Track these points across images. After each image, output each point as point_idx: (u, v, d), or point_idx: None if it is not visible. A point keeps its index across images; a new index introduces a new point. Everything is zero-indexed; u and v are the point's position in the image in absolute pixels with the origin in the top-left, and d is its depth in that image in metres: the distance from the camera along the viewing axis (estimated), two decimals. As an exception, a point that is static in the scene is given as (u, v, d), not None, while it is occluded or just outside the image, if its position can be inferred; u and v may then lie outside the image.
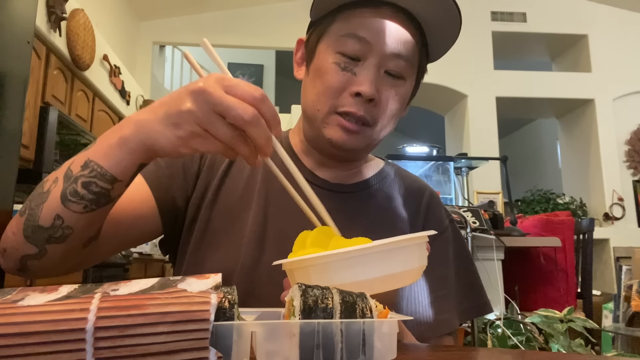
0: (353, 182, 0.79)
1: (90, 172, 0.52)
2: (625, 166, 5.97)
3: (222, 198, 0.75)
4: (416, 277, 0.47)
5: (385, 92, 0.70)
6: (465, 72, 5.95)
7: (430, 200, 0.81)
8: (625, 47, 6.19)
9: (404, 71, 0.71)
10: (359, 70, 0.68)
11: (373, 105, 0.69)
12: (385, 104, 0.70)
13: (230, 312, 0.33)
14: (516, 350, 1.51)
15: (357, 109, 0.68)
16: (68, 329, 0.28)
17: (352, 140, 0.69)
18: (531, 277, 2.73)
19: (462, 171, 3.38)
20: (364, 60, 0.69)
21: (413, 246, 0.45)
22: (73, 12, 3.21)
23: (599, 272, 5.56)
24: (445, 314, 0.72)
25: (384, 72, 0.70)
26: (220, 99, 0.46)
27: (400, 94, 0.72)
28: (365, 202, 0.77)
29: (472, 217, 2.24)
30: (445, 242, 0.78)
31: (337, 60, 0.69)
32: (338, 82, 0.68)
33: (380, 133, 0.72)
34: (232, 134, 0.48)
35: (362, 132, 0.69)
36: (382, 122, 0.71)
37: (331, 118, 0.69)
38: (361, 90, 0.67)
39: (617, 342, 2.26)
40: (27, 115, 2.64)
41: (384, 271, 0.43)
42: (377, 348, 0.35)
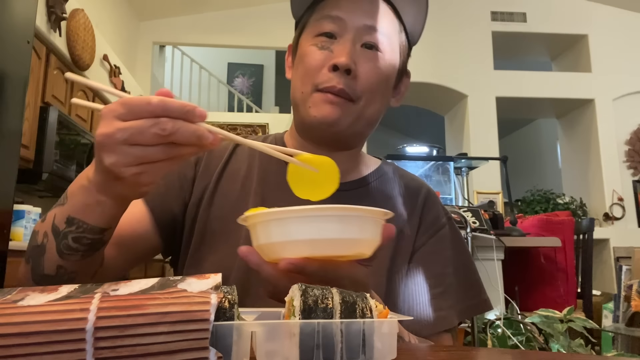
0: (350, 180, 0.79)
1: (77, 229, 0.54)
2: (625, 166, 5.98)
3: (218, 200, 0.75)
4: (369, 251, 0.48)
5: (364, 64, 0.70)
6: (465, 72, 5.95)
7: (427, 197, 0.81)
8: (625, 47, 6.19)
9: (381, 43, 0.72)
10: (335, 46, 0.70)
11: (352, 77, 0.69)
12: (364, 76, 0.70)
13: (230, 312, 0.33)
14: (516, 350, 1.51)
15: (337, 82, 0.68)
16: (68, 329, 0.28)
17: (336, 112, 0.69)
18: (531, 277, 2.73)
19: (462, 171, 3.38)
20: (340, 37, 0.71)
21: (369, 218, 0.46)
22: (73, 12, 3.21)
23: (599, 272, 5.56)
24: (442, 311, 0.71)
25: (360, 45, 0.71)
26: (123, 135, 0.43)
27: (381, 67, 0.72)
28: (363, 200, 0.76)
29: (472, 217, 2.24)
30: (442, 240, 0.78)
31: (315, 42, 0.72)
32: (316, 60, 0.70)
33: (365, 109, 0.72)
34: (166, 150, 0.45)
35: (345, 105, 0.69)
36: (366, 96, 0.71)
37: (313, 97, 0.70)
38: (337, 62, 0.68)
39: (617, 342, 2.26)
40: (27, 115, 2.64)
41: (338, 234, 0.44)
42: (377, 348, 0.35)
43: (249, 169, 0.79)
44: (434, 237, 0.77)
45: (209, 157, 0.80)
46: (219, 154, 0.81)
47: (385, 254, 0.73)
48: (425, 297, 0.72)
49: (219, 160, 0.80)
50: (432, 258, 0.75)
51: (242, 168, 0.79)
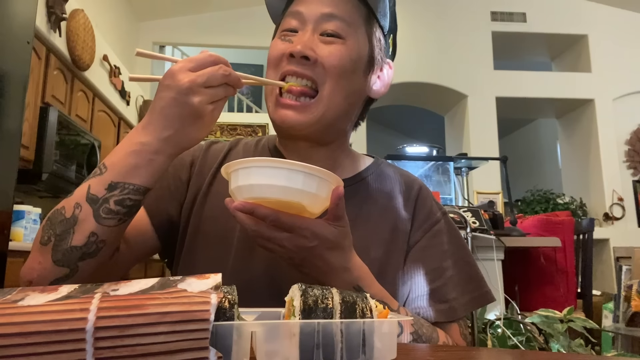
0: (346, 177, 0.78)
1: (122, 191, 0.58)
2: (625, 166, 5.98)
3: (211, 201, 0.76)
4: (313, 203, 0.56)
5: (323, 49, 0.70)
6: (465, 72, 5.96)
7: (419, 192, 0.80)
8: (625, 47, 6.19)
9: (341, 30, 0.72)
10: (295, 38, 0.72)
11: (312, 63, 0.69)
12: (325, 60, 0.70)
13: (230, 312, 0.33)
14: (516, 350, 1.51)
15: (296, 67, 0.69)
16: (68, 329, 0.28)
17: (293, 116, 0.69)
18: (531, 277, 2.73)
19: (462, 171, 3.38)
20: (301, 30, 0.72)
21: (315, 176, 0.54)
22: (73, 13, 3.21)
23: (599, 272, 5.56)
24: (443, 303, 0.71)
25: (320, 34, 0.72)
26: (202, 79, 0.57)
27: (342, 53, 0.71)
28: (354, 197, 0.76)
29: (472, 217, 2.24)
30: (438, 235, 0.77)
31: (279, 37, 0.74)
32: (277, 50, 0.72)
33: (331, 97, 0.71)
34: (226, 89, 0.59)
35: (303, 107, 0.69)
36: (330, 83, 0.70)
37: (273, 98, 0.71)
38: (292, 50, 0.69)
39: (617, 342, 2.26)
40: (27, 116, 2.64)
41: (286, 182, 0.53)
42: (377, 348, 0.35)
43: None
44: (429, 232, 0.77)
45: (204, 158, 0.81)
46: (214, 155, 0.82)
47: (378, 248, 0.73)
48: (425, 291, 0.72)
49: (213, 161, 0.80)
50: (429, 253, 0.75)
51: None
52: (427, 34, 6.00)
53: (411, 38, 5.95)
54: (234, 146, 0.85)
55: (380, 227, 0.75)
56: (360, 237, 0.71)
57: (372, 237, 0.74)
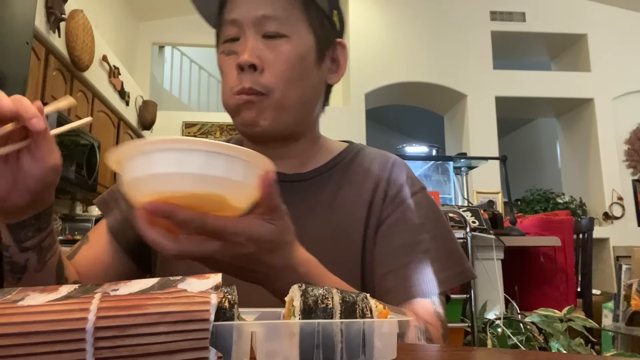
0: (309, 170, 0.77)
1: None
2: (625, 165, 5.98)
3: None
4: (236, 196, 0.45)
5: (269, 55, 0.68)
6: (464, 72, 5.95)
7: (392, 168, 0.77)
8: (624, 47, 6.19)
9: (282, 28, 0.69)
10: (238, 48, 0.69)
11: (259, 72, 0.67)
12: (272, 66, 0.68)
13: (230, 312, 0.33)
14: (516, 350, 1.51)
15: (245, 81, 0.67)
16: (68, 329, 0.28)
17: (252, 113, 0.68)
18: (531, 277, 2.73)
19: (462, 171, 3.38)
20: (241, 37, 0.69)
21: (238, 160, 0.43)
22: (72, 13, 3.21)
23: (598, 271, 5.56)
24: (413, 279, 0.68)
25: (262, 37, 0.69)
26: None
27: (288, 52, 0.69)
28: (324, 186, 0.75)
29: (472, 216, 2.24)
30: (410, 209, 0.73)
31: (222, 50, 0.71)
32: (226, 67, 0.70)
33: (285, 98, 0.68)
34: None
35: (260, 102, 0.67)
36: (279, 87, 0.68)
37: (231, 104, 0.69)
38: (239, 62, 0.67)
39: (617, 342, 2.26)
40: (27, 116, 2.63)
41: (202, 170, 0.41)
42: (377, 348, 0.35)
43: None
44: (400, 207, 0.73)
45: None
46: None
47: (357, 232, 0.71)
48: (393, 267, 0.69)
49: None
50: (399, 227, 0.72)
51: None
52: (426, 34, 6.00)
53: (410, 38, 5.96)
54: None
55: (357, 210, 0.73)
56: (339, 223, 0.71)
57: (351, 221, 0.72)
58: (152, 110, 4.99)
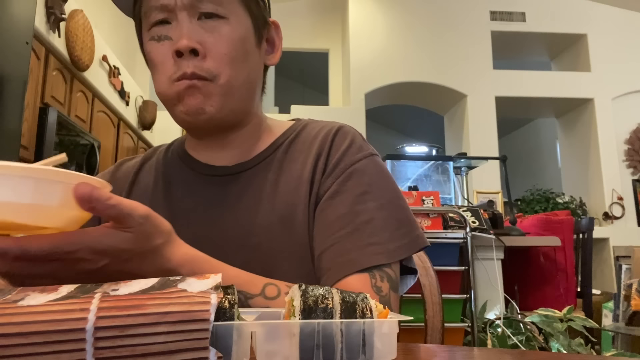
0: (253, 156, 0.72)
1: None
2: (625, 165, 5.98)
3: None
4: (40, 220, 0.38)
5: (208, 38, 0.63)
6: (464, 72, 5.96)
7: (334, 138, 0.72)
8: (624, 47, 6.19)
9: (219, 9, 0.64)
10: (172, 32, 0.64)
11: (201, 57, 0.63)
12: (214, 51, 0.63)
13: (230, 312, 0.33)
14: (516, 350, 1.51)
15: (186, 67, 0.62)
16: (68, 329, 0.28)
17: (199, 99, 0.63)
18: (531, 277, 2.73)
19: (462, 171, 3.38)
20: (174, 20, 0.64)
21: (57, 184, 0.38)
22: (72, 13, 3.21)
23: (598, 271, 5.56)
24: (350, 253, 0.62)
25: (197, 19, 0.64)
26: None
27: (229, 34, 0.65)
28: (270, 170, 0.71)
29: (472, 216, 2.24)
30: (353, 176, 0.68)
31: (152, 35, 0.65)
32: (160, 55, 0.64)
33: (230, 83, 0.65)
34: None
35: (206, 86, 0.63)
36: (224, 71, 0.64)
37: (172, 93, 0.64)
38: (177, 47, 0.61)
39: (617, 341, 2.26)
40: (27, 116, 2.64)
41: None
42: (377, 348, 0.35)
43: (155, 184, 0.74)
44: (340, 177, 0.68)
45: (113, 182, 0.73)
46: (124, 176, 0.76)
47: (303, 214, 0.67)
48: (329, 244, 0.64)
49: (124, 184, 0.75)
50: (336, 200, 0.66)
51: (150, 185, 0.75)
52: (426, 34, 6.00)
53: (410, 38, 5.96)
54: (148, 158, 0.79)
55: (300, 190, 0.68)
56: (285, 207, 0.67)
57: (295, 203, 0.67)
58: (152, 110, 4.99)
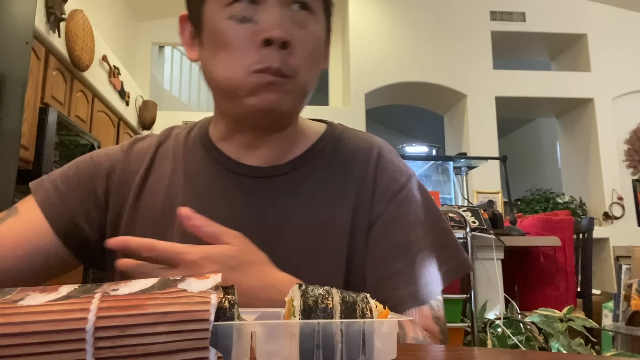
0: (288, 161, 0.67)
1: None
2: (625, 165, 5.98)
3: (141, 214, 0.65)
4: None
5: (297, 32, 0.58)
6: (464, 72, 5.96)
7: (380, 158, 0.69)
8: (624, 47, 6.19)
9: (312, 2, 0.59)
10: (259, 15, 0.57)
11: (288, 52, 0.57)
12: (300, 47, 0.58)
13: (230, 312, 0.33)
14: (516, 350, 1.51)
15: (273, 60, 0.56)
16: (68, 329, 0.28)
17: (277, 97, 0.58)
18: (531, 277, 2.73)
19: (462, 171, 3.38)
20: (263, 2, 0.57)
21: None
22: (72, 13, 3.21)
23: (598, 271, 5.56)
24: (410, 286, 0.61)
25: (288, 8, 0.58)
26: None
27: (315, 31, 0.60)
28: (305, 179, 0.66)
29: (472, 216, 2.24)
30: (403, 204, 0.66)
31: (231, 13, 0.57)
32: (241, 37, 0.57)
33: (304, 85, 0.60)
34: None
35: (284, 84, 0.58)
36: (303, 70, 0.59)
37: (247, 83, 0.57)
38: (270, 36, 0.55)
39: (617, 341, 2.26)
40: (27, 116, 2.64)
41: None
42: (377, 348, 0.35)
43: (173, 173, 0.68)
44: (392, 203, 0.66)
45: (126, 163, 0.69)
46: (139, 157, 0.70)
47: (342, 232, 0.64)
48: (388, 274, 0.62)
49: (139, 165, 0.68)
50: (393, 228, 0.65)
51: (166, 174, 0.68)
52: (426, 34, 6.00)
53: (410, 38, 5.95)
54: (163, 141, 0.73)
55: (342, 208, 0.65)
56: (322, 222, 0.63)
57: (334, 221, 0.64)
58: (152, 110, 4.99)
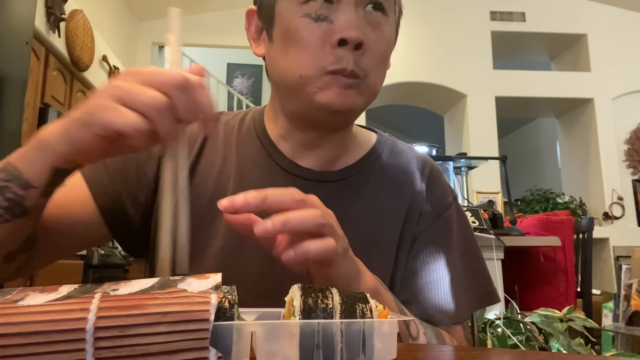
0: (342, 168, 0.68)
1: (6, 175, 0.47)
2: (625, 165, 5.98)
3: None
4: None
5: (371, 33, 0.58)
6: (464, 72, 5.96)
7: (429, 177, 0.71)
8: (624, 47, 6.19)
9: (386, 2, 0.60)
10: (335, 15, 0.57)
11: (361, 52, 0.57)
12: (373, 49, 0.59)
13: (230, 312, 0.33)
14: (516, 350, 1.51)
15: (347, 62, 0.56)
16: (68, 329, 0.28)
17: (350, 99, 0.58)
18: (531, 277, 2.73)
19: (462, 171, 3.38)
20: (338, 2, 0.57)
21: None
22: (72, 13, 3.21)
23: (598, 271, 5.56)
24: (448, 305, 0.65)
25: (363, 9, 0.59)
26: (141, 74, 0.45)
27: (388, 34, 0.61)
28: (357, 190, 0.67)
29: (472, 216, 2.24)
30: (448, 223, 0.69)
31: (307, 11, 0.57)
32: (316, 36, 0.57)
33: (374, 86, 0.61)
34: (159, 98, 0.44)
35: (357, 87, 0.58)
36: (373, 72, 0.60)
37: (320, 81, 0.57)
38: (346, 36, 0.56)
39: (617, 341, 2.26)
40: (27, 116, 2.64)
41: None
42: (377, 348, 0.35)
43: (224, 162, 0.68)
44: (438, 220, 0.68)
45: None
46: (189, 141, 0.68)
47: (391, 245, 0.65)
48: (429, 289, 0.65)
49: (190, 148, 0.68)
50: (436, 245, 0.67)
51: (217, 161, 0.68)
52: (426, 34, 5.99)
53: (410, 38, 5.95)
54: None
55: (393, 222, 0.67)
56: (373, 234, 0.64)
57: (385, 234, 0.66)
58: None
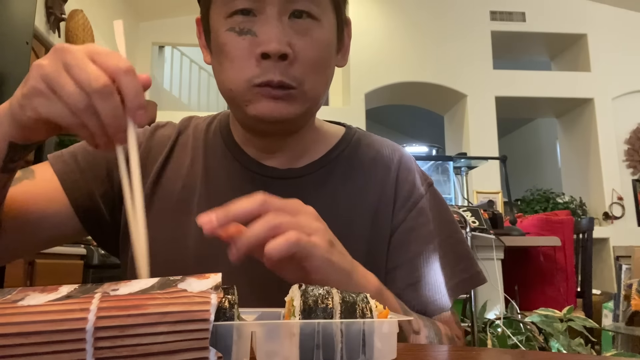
0: (307, 164, 0.67)
1: None
2: (625, 165, 5.98)
3: (158, 203, 0.65)
4: None
5: (298, 42, 0.57)
6: (464, 72, 5.96)
7: (400, 165, 0.70)
8: (624, 47, 6.19)
9: (315, 8, 0.58)
10: (258, 28, 0.56)
11: (289, 63, 0.56)
12: (303, 56, 0.57)
13: (230, 312, 0.33)
14: (516, 350, 1.51)
15: (273, 74, 0.55)
16: (68, 329, 0.28)
17: (279, 108, 0.57)
18: (531, 277, 2.73)
19: (462, 171, 3.38)
20: (261, 13, 0.56)
21: None
22: (72, 13, 3.21)
23: (598, 271, 5.56)
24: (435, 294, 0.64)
25: (288, 18, 0.57)
26: (74, 60, 0.41)
27: (320, 39, 0.59)
28: (322, 185, 0.66)
29: (472, 216, 2.24)
30: (423, 212, 0.67)
31: (231, 25, 0.57)
32: (240, 50, 0.57)
33: (311, 91, 0.59)
34: (80, 99, 0.42)
35: (289, 96, 0.57)
36: (309, 78, 0.58)
37: (250, 92, 0.57)
38: (266, 50, 0.55)
39: (617, 341, 2.26)
40: (27, 116, 2.64)
41: None
42: (377, 348, 0.35)
43: (192, 163, 0.67)
44: (413, 211, 0.67)
45: (147, 150, 0.68)
46: (160, 145, 0.69)
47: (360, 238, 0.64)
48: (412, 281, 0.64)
49: (159, 153, 0.68)
50: (414, 235, 0.66)
51: (185, 163, 0.67)
52: (426, 34, 6.00)
53: (410, 37, 5.96)
54: (183, 130, 0.72)
55: (361, 214, 0.66)
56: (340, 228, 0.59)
57: (353, 227, 0.65)
58: (152, 110, 4.99)
